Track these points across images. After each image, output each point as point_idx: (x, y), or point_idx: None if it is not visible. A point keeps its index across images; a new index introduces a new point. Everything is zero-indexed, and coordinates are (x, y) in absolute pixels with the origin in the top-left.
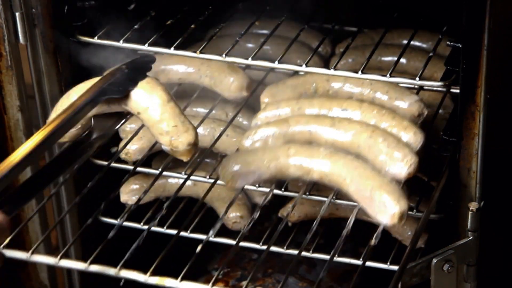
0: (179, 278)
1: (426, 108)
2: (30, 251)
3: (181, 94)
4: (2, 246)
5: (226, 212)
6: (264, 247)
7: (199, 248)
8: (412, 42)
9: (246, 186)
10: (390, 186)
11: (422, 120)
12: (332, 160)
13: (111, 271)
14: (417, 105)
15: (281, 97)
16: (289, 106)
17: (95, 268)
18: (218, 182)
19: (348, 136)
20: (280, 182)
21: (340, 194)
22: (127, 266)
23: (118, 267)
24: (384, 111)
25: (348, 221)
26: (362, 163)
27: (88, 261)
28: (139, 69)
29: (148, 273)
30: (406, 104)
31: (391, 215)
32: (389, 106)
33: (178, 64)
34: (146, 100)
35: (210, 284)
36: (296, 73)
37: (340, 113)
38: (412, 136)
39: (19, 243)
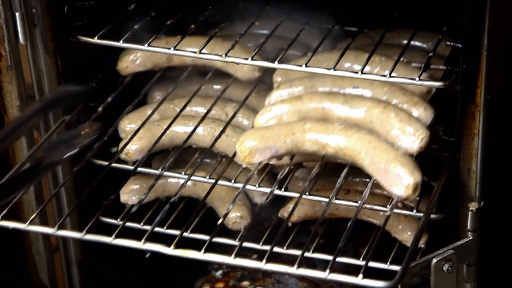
0: (202, 251)
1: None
2: (27, 222)
3: (181, 94)
4: None
5: (226, 215)
6: (264, 247)
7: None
8: (412, 42)
9: (248, 187)
10: (404, 159)
11: (431, 96)
12: (346, 134)
13: (136, 244)
14: (427, 112)
15: (294, 76)
16: (302, 84)
17: (119, 241)
18: (220, 182)
19: (360, 112)
20: (280, 182)
21: (340, 194)
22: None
23: (142, 240)
24: (395, 88)
25: (351, 220)
26: (375, 137)
27: (113, 235)
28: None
29: (172, 246)
30: (415, 81)
31: (406, 187)
32: (400, 85)
33: (191, 47)
34: None
35: (233, 255)
36: (305, 55)
37: (352, 91)
38: (423, 111)
39: (19, 242)
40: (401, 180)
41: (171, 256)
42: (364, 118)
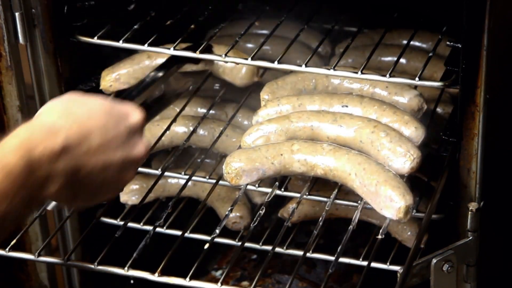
0: (188, 278)
1: (425, 103)
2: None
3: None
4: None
5: (227, 215)
6: (264, 247)
7: (206, 246)
8: (412, 42)
9: (248, 186)
10: (395, 181)
11: (421, 114)
12: (336, 155)
13: (119, 271)
14: (416, 99)
15: (281, 94)
16: (290, 102)
17: (102, 268)
18: (220, 182)
19: (350, 131)
20: (280, 182)
21: (340, 194)
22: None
23: (127, 266)
24: (385, 106)
25: (354, 217)
26: (366, 158)
27: (96, 262)
28: None
29: (157, 273)
30: (405, 99)
31: (397, 210)
32: (389, 101)
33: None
34: None
35: (219, 283)
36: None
37: (341, 109)
38: (414, 131)
39: (19, 244)
40: (392, 203)
41: (171, 256)
42: (354, 138)
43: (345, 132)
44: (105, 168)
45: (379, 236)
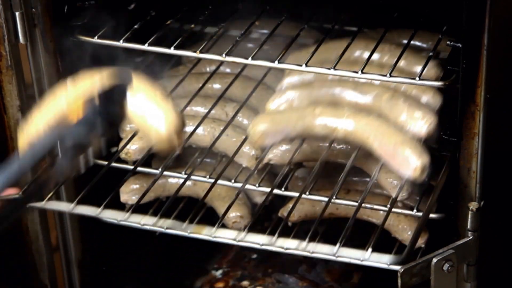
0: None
1: (442, 72)
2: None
3: (181, 94)
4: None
5: (225, 213)
6: (264, 247)
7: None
8: (412, 42)
9: (246, 186)
10: (412, 142)
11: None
12: (356, 119)
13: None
14: (434, 70)
15: (304, 62)
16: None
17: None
18: (220, 181)
19: (369, 98)
20: (280, 182)
21: (340, 194)
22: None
23: (157, 217)
24: (404, 74)
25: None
26: (384, 121)
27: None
28: (111, 100)
29: (185, 223)
30: (419, 68)
31: (414, 169)
32: (408, 71)
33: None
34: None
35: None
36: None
37: (361, 76)
38: (431, 97)
39: (20, 244)
40: (409, 163)
41: (171, 256)
42: (373, 104)
43: (365, 98)
44: None
45: (400, 197)
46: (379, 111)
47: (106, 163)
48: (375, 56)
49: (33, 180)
